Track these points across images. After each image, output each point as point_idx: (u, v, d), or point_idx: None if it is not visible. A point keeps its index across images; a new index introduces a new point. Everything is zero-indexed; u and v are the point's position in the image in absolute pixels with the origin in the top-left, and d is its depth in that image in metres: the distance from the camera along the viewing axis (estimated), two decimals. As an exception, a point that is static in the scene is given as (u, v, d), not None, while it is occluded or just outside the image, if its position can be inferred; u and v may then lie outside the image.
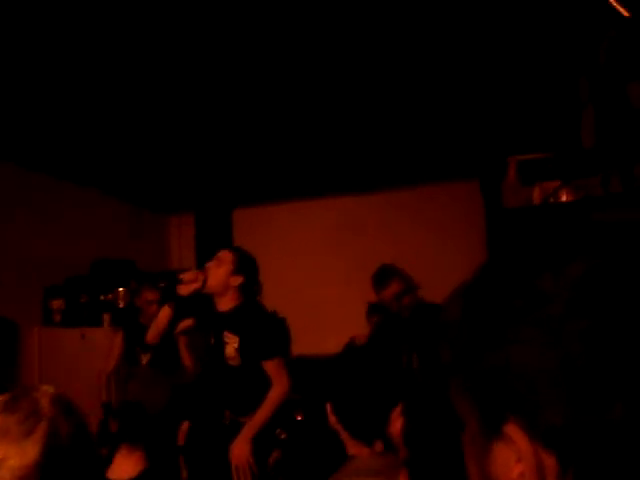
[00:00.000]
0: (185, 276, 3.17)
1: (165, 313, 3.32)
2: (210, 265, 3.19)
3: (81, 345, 5.32)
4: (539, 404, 0.47)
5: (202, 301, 3.26)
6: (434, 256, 5.96)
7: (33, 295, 5.50)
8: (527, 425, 0.48)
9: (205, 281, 3.12)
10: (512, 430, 0.48)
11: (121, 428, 1.89)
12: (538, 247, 0.54)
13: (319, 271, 6.77)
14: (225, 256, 3.20)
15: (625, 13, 2.11)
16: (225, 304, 3.16)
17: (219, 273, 3.13)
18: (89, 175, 5.78)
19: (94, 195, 6.12)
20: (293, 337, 5.06)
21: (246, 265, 3.21)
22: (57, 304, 5.54)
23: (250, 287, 3.21)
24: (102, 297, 5.55)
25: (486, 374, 0.52)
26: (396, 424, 1.54)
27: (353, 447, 1.66)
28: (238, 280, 3.14)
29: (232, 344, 3.10)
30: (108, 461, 1.87)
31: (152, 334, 3.39)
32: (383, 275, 3.76)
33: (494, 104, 4.26)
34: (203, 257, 6.97)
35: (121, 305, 5.46)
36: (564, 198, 2.84)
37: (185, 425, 1.95)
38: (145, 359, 4.35)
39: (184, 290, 3.14)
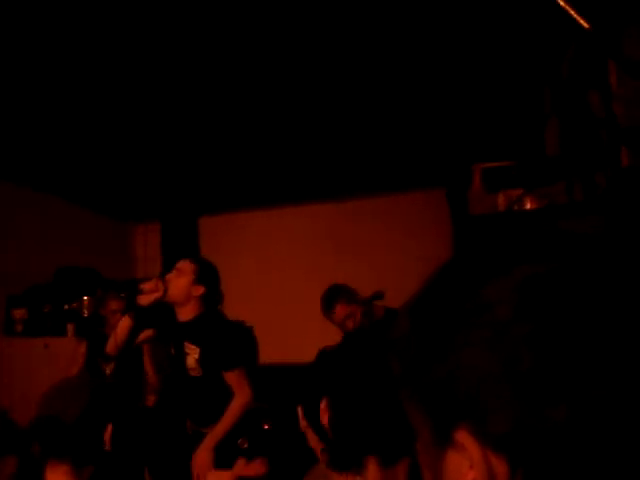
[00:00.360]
0: (145, 286, 3.14)
1: (125, 323, 3.29)
2: (170, 276, 3.16)
3: (44, 355, 5.22)
4: (487, 409, 0.47)
5: (163, 311, 3.22)
6: (403, 263, 5.99)
7: (-6, 305, 5.39)
8: (477, 431, 0.48)
9: (166, 291, 3.09)
10: (463, 437, 0.49)
11: (40, 445, 1.84)
12: (488, 254, 0.55)
13: (287, 279, 6.75)
14: (185, 266, 3.18)
15: (585, 25, 2.16)
16: (186, 314, 3.12)
17: (180, 283, 3.11)
18: (53, 183, 5.70)
19: (58, 203, 6.03)
20: (262, 346, 5.03)
21: (207, 275, 3.19)
22: (19, 313, 5.44)
23: (212, 297, 3.18)
24: (66, 306, 5.46)
25: (435, 383, 0.52)
26: (324, 416, 1.56)
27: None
28: (199, 290, 3.12)
29: (192, 355, 3.07)
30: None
31: (112, 345, 3.35)
32: (328, 299, 3.75)
33: (459, 113, 4.31)
34: (169, 265, 6.91)
35: (86, 314, 5.37)
36: (528, 205, 2.88)
37: (109, 428, 1.90)
38: (108, 370, 4.29)
39: (144, 300, 3.12)
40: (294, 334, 5.88)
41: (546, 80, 3.63)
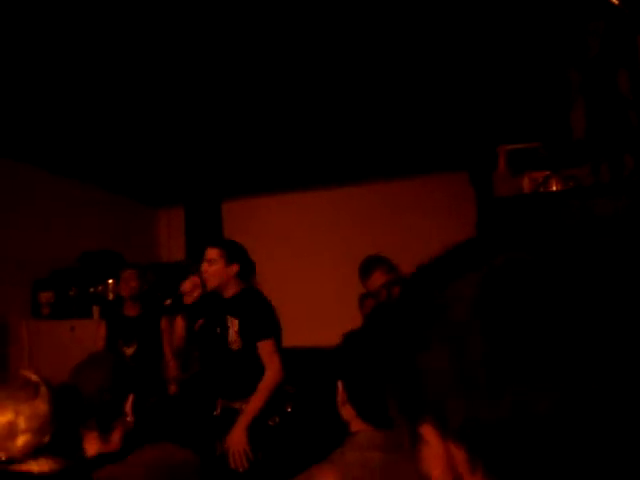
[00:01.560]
0: (185, 287, 3.39)
1: (180, 324, 3.55)
2: (204, 267, 3.30)
3: (71, 337, 5.29)
4: (444, 404, 0.50)
5: (209, 296, 3.41)
6: (426, 246, 5.95)
7: (22, 288, 5.47)
8: (438, 425, 0.51)
9: (204, 284, 3.31)
10: (426, 431, 0.52)
11: (65, 414, 1.91)
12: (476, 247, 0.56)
13: (309, 263, 6.77)
14: (213, 253, 3.30)
15: (615, 2, 2.11)
16: (228, 291, 3.30)
17: (215, 271, 3.27)
18: (78, 167, 5.75)
19: (83, 187, 6.09)
20: (284, 329, 5.05)
21: (236, 253, 3.34)
22: (46, 297, 5.51)
23: (246, 270, 3.35)
24: (91, 289, 5.53)
25: (403, 381, 0.55)
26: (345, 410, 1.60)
27: (358, 425, 1.68)
28: (234, 269, 3.27)
29: (233, 327, 3.23)
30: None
31: (176, 347, 3.68)
32: (367, 266, 3.74)
33: (484, 95, 4.26)
34: (192, 249, 6.97)
35: (110, 297, 5.44)
36: (554, 187, 2.84)
37: (131, 398, 1.95)
38: (128, 352, 4.34)
39: (189, 300, 3.39)
40: (316, 318, 5.90)
41: (573, 60, 3.57)
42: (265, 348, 3.18)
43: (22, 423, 1.42)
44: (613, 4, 1.85)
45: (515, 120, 4.28)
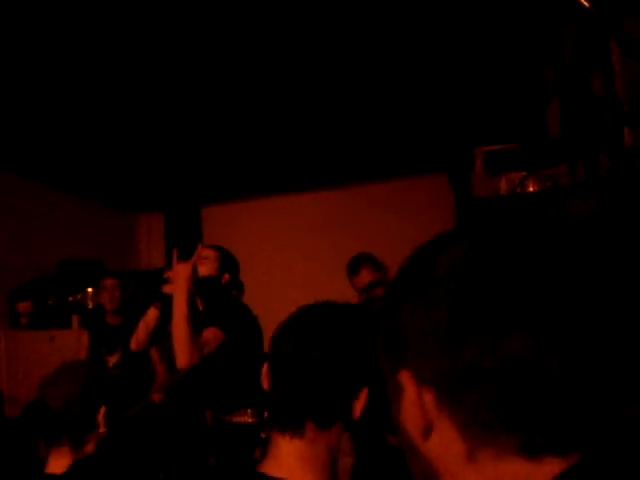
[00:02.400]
0: (171, 274, 3.02)
1: (151, 315, 3.20)
2: (197, 262, 3.02)
3: (50, 347, 5.24)
4: (418, 354, 0.57)
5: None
6: (407, 248, 5.98)
7: (-1, 298, 5.41)
8: (414, 372, 0.57)
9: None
10: (404, 377, 0.58)
11: (32, 429, 1.88)
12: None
13: (291, 268, 6.76)
14: (210, 254, 3.11)
15: (586, 4, 2.14)
16: None
17: (205, 271, 3.04)
18: (56, 174, 5.70)
19: (60, 194, 6.04)
20: (266, 334, 5.04)
21: (230, 263, 3.17)
22: (24, 306, 5.45)
23: (233, 284, 3.17)
24: (70, 298, 5.47)
25: (387, 335, 0.62)
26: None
27: None
28: (224, 278, 3.09)
29: None
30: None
31: (139, 339, 3.24)
32: (354, 263, 3.74)
33: (462, 96, 4.28)
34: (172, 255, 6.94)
35: (90, 305, 5.38)
36: (531, 188, 2.86)
37: (102, 410, 1.91)
38: (112, 361, 4.29)
39: (170, 289, 3.02)
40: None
41: (547, 61, 3.60)
42: (209, 333, 2.87)
43: None
44: (584, 7, 1.87)
45: (492, 121, 4.31)
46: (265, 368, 1.33)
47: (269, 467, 1.21)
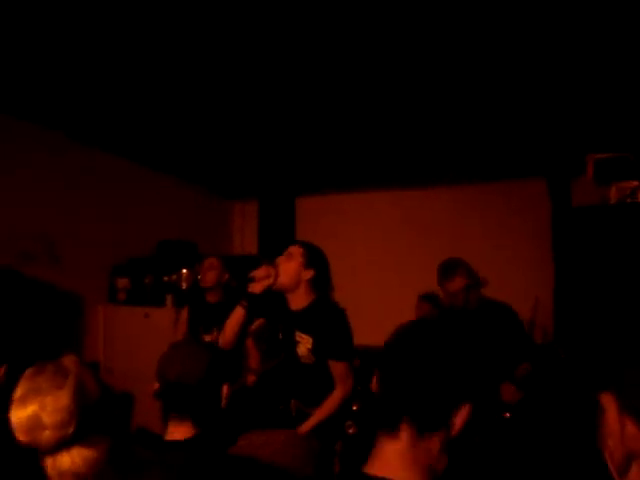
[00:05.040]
0: (257, 273, 3.06)
1: (238, 314, 3.21)
2: (280, 259, 3.12)
3: (144, 324, 5.44)
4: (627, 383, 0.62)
5: (274, 299, 3.20)
6: (496, 253, 5.87)
7: (100, 273, 5.65)
8: (617, 395, 0.65)
9: (276, 277, 3.05)
10: (606, 400, 0.66)
11: (164, 403, 1.95)
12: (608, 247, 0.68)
13: (380, 263, 6.76)
14: (295, 250, 3.12)
15: None
16: (297, 302, 3.11)
17: (290, 267, 3.07)
18: (157, 158, 5.90)
19: (161, 177, 6.25)
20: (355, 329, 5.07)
21: (316, 259, 3.14)
22: (122, 283, 5.67)
23: (321, 282, 3.13)
24: (166, 278, 5.66)
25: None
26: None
27: None
28: (309, 274, 3.07)
29: (305, 344, 3.06)
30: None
31: (226, 337, 3.27)
32: (449, 267, 3.74)
33: (567, 102, 4.15)
34: (266, 243, 7.08)
35: (184, 287, 5.55)
36: (642, 198, 2.76)
37: (225, 388, 1.99)
38: (207, 339, 4.39)
39: (257, 288, 3.06)
40: (381, 318, 5.88)
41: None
42: (339, 369, 3.02)
43: (45, 417, 1.42)
44: None
45: (595, 129, 4.16)
46: (375, 373, 1.37)
47: (373, 467, 1.26)
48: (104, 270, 5.70)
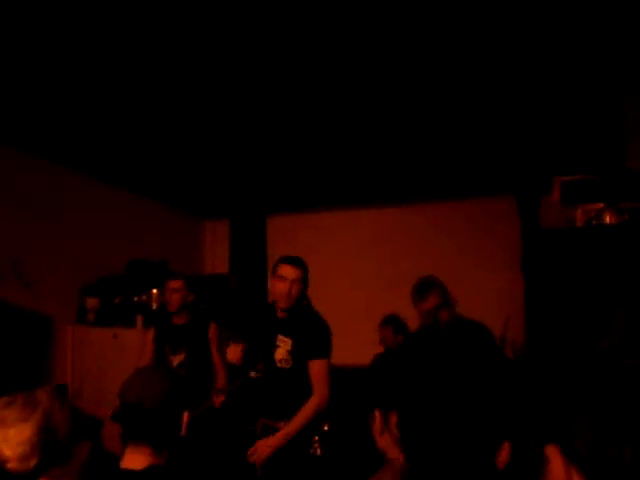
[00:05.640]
0: (230, 358, 3.37)
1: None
2: (287, 286, 3.21)
3: (113, 345, 5.37)
4: (572, 430, 0.60)
5: (262, 310, 3.46)
6: (468, 271, 5.92)
7: (69, 293, 5.57)
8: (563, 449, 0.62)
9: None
10: (551, 452, 0.65)
11: (123, 426, 1.91)
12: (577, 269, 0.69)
13: (349, 282, 6.76)
14: (299, 273, 3.25)
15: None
16: (285, 311, 3.26)
17: (298, 292, 3.22)
18: (127, 176, 5.85)
19: (132, 196, 6.21)
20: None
21: (306, 274, 3.31)
22: (92, 303, 5.60)
23: (305, 291, 3.31)
24: (136, 298, 5.60)
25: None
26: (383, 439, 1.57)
27: (395, 453, 1.66)
28: (302, 289, 3.26)
29: (284, 347, 3.19)
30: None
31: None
32: (423, 287, 3.75)
33: (535, 122, 4.22)
34: (237, 262, 7.06)
35: (154, 307, 5.49)
36: (607, 220, 2.80)
37: (185, 415, 1.96)
38: (175, 361, 4.36)
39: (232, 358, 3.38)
40: (351, 337, 5.89)
41: (628, 90, 3.52)
42: (317, 367, 3.13)
43: (6, 449, 1.44)
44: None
45: (566, 148, 4.24)
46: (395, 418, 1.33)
47: None
48: (73, 290, 5.61)
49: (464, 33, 3.02)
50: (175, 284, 4.45)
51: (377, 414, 1.71)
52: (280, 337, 3.22)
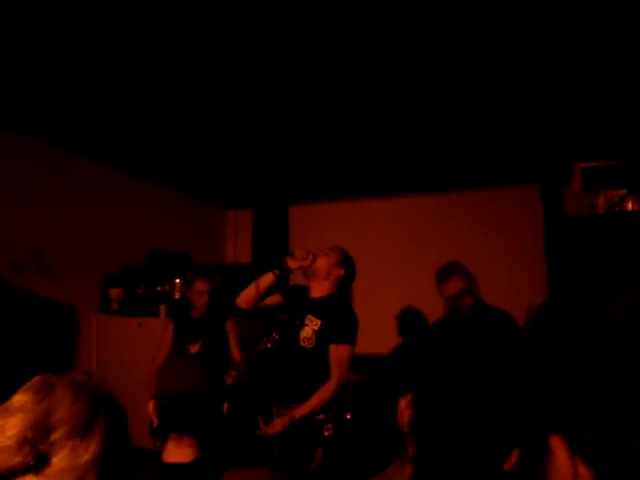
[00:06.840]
0: (297, 252, 3.43)
1: (268, 278, 3.48)
2: (320, 252, 3.45)
3: (138, 334, 5.43)
4: (576, 422, 0.54)
5: (296, 289, 3.59)
6: (489, 260, 5.87)
7: (93, 283, 5.64)
8: (567, 440, 0.55)
9: (314, 262, 3.38)
10: (555, 442, 0.56)
11: (164, 421, 1.87)
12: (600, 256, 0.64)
13: (370, 271, 6.74)
14: (335, 249, 3.49)
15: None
16: (319, 291, 3.40)
17: (327, 260, 3.41)
18: (150, 167, 5.89)
19: (154, 186, 6.24)
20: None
21: (349, 263, 3.50)
22: (115, 293, 5.66)
23: (345, 283, 3.51)
24: (159, 288, 5.64)
25: (539, 396, 0.61)
26: (404, 415, 1.55)
27: None
28: (340, 272, 3.42)
29: (311, 326, 3.27)
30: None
31: (247, 296, 3.52)
32: (445, 271, 3.75)
33: (558, 109, 4.16)
34: (259, 251, 7.07)
35: (177, 296, 5.54)
36: (630, 206, 2.76)
37: (226, 405, 1.93)
38: (193, 349, 4.41)
39: (292, 264, 3.42)
40: (373, 326, 5.89)
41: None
42: (340, 352, 3.21)
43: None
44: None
45: (590, 136, 4.17)
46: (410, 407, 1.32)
47: None
48: (97, 280, 5.68)
49: (486, 22, 2.99)
50: (202, 286, 4.47)
51: (401, 402, 1.70)
52: (310, 316, 3.30)
